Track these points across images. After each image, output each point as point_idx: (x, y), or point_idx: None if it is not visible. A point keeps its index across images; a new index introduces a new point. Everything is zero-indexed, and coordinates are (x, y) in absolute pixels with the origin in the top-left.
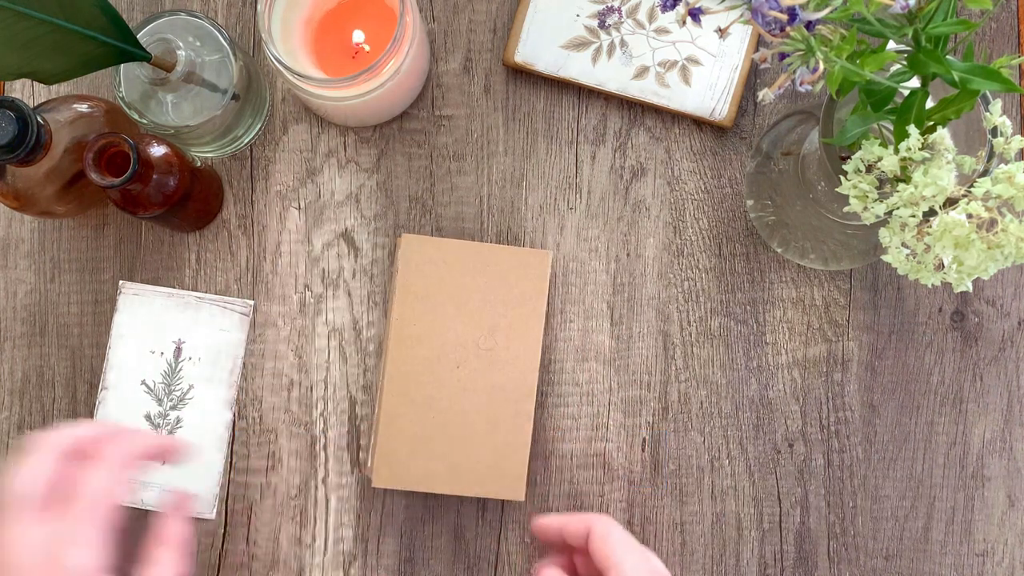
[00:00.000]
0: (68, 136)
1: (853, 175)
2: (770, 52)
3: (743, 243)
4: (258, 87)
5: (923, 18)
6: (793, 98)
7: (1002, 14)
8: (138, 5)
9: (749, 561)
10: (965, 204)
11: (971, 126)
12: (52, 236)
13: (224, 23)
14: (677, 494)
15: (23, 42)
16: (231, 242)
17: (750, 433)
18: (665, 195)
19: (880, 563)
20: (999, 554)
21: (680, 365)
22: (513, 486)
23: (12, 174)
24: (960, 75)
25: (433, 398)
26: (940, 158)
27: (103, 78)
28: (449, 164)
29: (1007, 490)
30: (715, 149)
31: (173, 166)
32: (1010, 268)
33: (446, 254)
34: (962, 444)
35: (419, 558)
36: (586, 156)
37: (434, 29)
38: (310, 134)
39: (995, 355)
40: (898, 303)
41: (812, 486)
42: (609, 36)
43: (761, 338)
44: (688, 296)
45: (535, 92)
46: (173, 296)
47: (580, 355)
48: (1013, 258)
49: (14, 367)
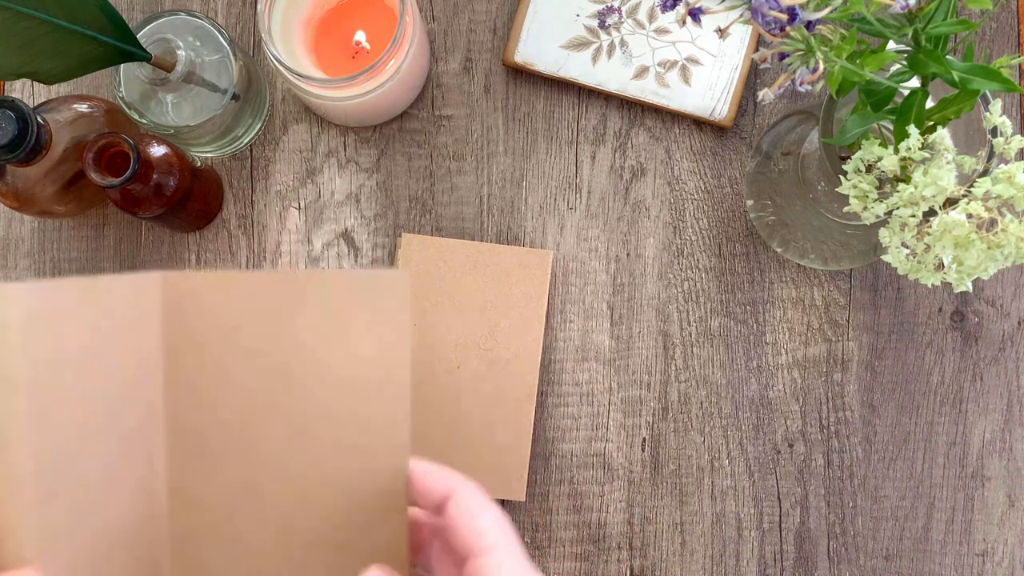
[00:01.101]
0: (68, 136)
1: (853, 175)
2: (770, 52)
3: (743, 243)
4: (258, 87)
5: (923, 18)
6: (793, 98)
7: (1002, 14)
8: (138, 5)
9: (749, 561)
10: (965, 204)
11: (971, 126)
12: (52, 236)
13: (224, 23)
14: (677, 494)
15: (23, 42)
16: (231, 242)
17: (750, 433)
18: (665, 195)
19: (880, 563)
20: (999, 554)
21: (680, 365)
22: (513, 486)
23: (12, 174)
24: (960, 75)
25: (433, 399)
26: (940, 158)
27: (103, 78)
28: (449, 164)
29: (1007, 490)
30: (715, 149)
31: (173, 166)
32: (1010, 268)
33: (446, 254)
34: (962, 444)
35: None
36: (586, 156)
37: (434, 29)
38: (310, 134)
39: (995, 355)
40: (898, 303)
41: (812, 486)
42: (609, 36)
43: (761, 338)
44: (688, 296)
45: (535, 92)
46: None
47: (580, 355)
48: (1013, 258)
49: None
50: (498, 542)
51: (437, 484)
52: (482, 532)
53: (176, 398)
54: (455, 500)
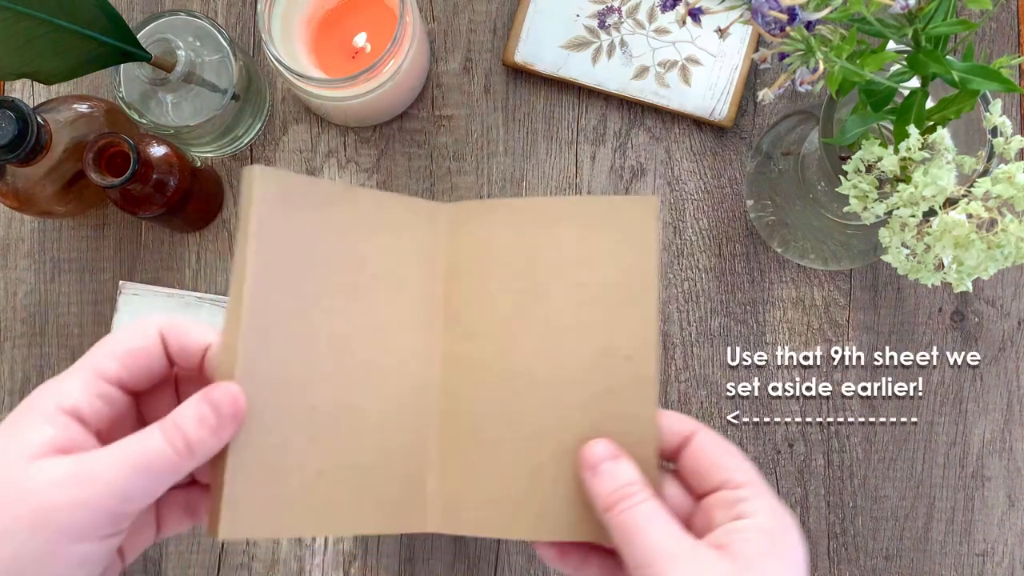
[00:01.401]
0: (68, 136)
1: (853, 175)
2: (770, 52)
3: (743, 243)
4: (258, 87)
5: (923, 18)
6: (793, 98)
7: (1002, 14)
8: (138, 5)
9: None
10: (965, 204)
11: (971, 126)
12: (52, 236)
13: (224, 23)
14: None
15: (23, 42)
16: (231, 242)
17: (750, 433)
18: (665, 195)
19: (880, 563)
20: (999, 554)
21: (680, 365)
22: None
23: (12, 174)
24: (960, 75)
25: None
26: (940, 158)
27: (103, 78)
28: (449, 164)
29: (1007, 490)
30: (715, 149)
31: (173, 166)
32: (1010, 268)
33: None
34: (962, 444)
35: (419, 558)
36: (586, 156)
37: (434, 29)
38: (310, 134)
39: (995, 355)
40: (898, 303)
41: (812, 486)
42: (609, 36)
43: (761, 338)
44: (688, 296)
45: (535, 92)
46: (173, 296)
47: None
48: (1013, 258)
49: (14, 367)
50: (752, 478)
51: (677, 424)
52: (733, 469)
53: (451, 309)
54: (701, 436)
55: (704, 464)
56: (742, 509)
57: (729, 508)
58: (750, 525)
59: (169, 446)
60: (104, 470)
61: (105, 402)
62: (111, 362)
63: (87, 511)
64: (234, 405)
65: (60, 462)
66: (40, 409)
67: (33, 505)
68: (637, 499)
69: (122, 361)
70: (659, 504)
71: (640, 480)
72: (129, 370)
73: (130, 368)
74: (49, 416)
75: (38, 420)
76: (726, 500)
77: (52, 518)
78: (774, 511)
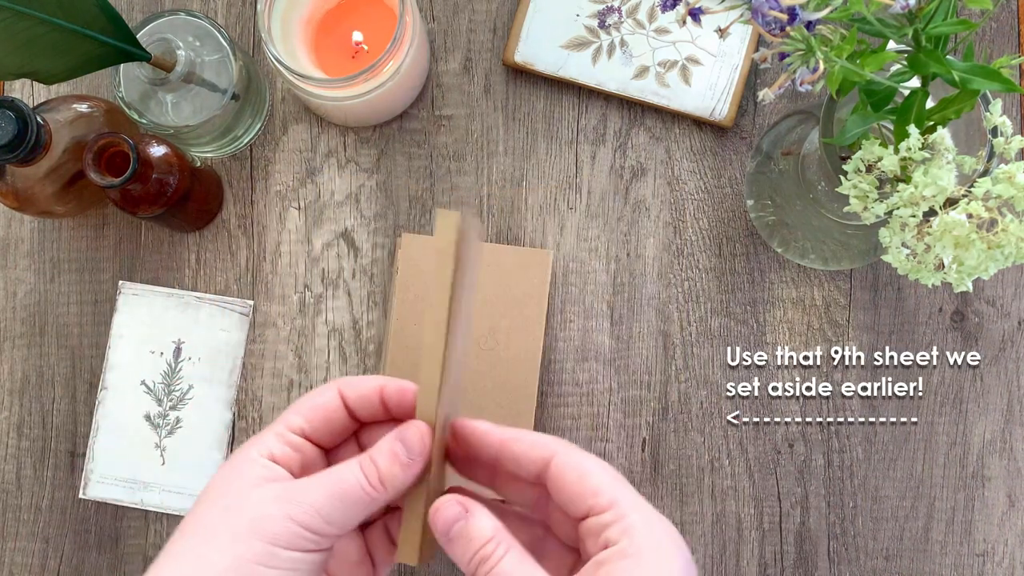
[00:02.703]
0: (68, 136)
1: (853, 175)
2: (770, 52)
3: (743, 243)
4: (258, 87)
5: (923, 18)
6: (793, 98)
7: (1002, 14)
8: (138, 5)
9: (749, 561)
10: (965, 204)
11: (971, 126)
12: (52, 236)
13: (224, 23)
14: (677, 494)
15: (23, 42)
16: (231, 242)
17: (750, 433)
18: (665, 195)
19: (880, 563)
20: (999, 554)
21: (680, 365)
22: None
23: (12, 174)
24: (960, 75)
25: None
26: (940, 158)
27: (103, 78)
28: (449, 164)
29: (1007, 490)
30: (715, 149)
31: (173, 166)
32: (1010, 268)
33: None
34: (962, 444)
35: None
36: (586, 156)
37: (434, 29)
38: (310, 134)
39: (995, 355)
40: (898, 303)
41: (812, 486)
42: (609, 36)
43: (761, 338)
44: (688, 296)
45: (535, 92)
46: (173, 296)
47: (580, 355)
48: (1013, 258)
49: (14, 367)
50: (613, 497)
51: (531, 451)
52: (592, 493)
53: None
54: (557, 461)
55: (566, 493)
56: (608, 536)
57: (596, 536)
58: (614, 553)
59: (364, 477)
60: (308, 493)
61: (295, 449)
62: (297, 417)
63: (295, 524)
64: (423, 443)
65: (273, 486)
66: (248, 456)
67: (253, 515)
68: (493, 560)
69: (306, 416)
70: (517, 553)
71: (493, 534)
72: (311, 423)
73: (312, 421)
74: (256, 459)
75: (249, 461)
76: (593, 528)
77: (267, 526)
78: (639, 529)
